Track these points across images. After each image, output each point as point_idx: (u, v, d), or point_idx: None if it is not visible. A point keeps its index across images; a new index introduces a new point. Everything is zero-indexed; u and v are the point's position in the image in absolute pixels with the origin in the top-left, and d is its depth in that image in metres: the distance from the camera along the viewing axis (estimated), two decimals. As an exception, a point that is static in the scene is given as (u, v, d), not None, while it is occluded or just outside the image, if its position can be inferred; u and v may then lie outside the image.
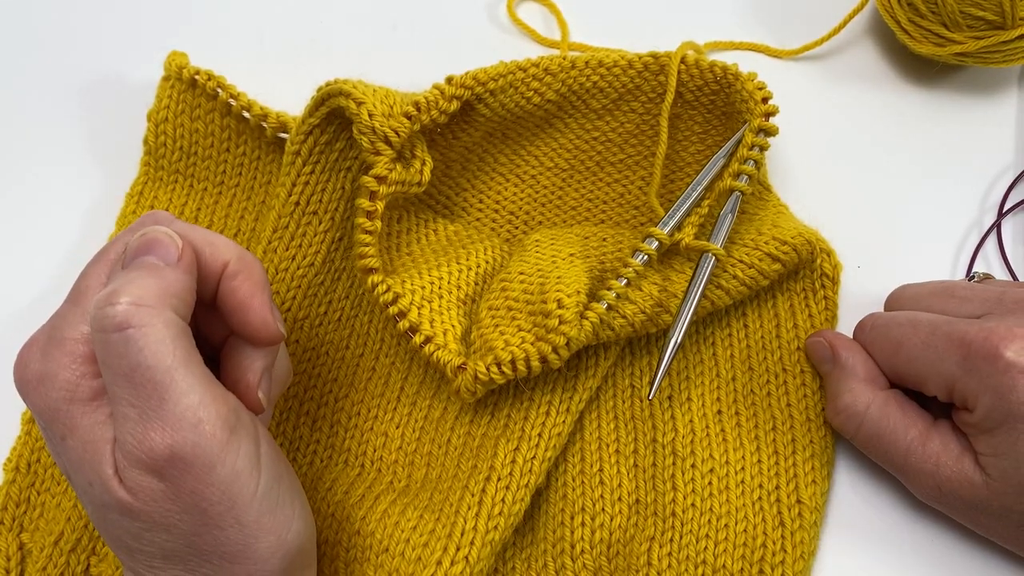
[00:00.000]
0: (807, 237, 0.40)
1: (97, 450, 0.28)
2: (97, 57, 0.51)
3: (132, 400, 0.27)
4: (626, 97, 0.45)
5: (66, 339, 0.28)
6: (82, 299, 0.29)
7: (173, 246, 0.29)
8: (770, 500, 0.38)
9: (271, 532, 0.29)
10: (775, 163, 0.46)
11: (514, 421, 0.38)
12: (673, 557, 0.37)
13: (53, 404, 0.28)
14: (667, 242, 0.38)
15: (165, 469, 0.27)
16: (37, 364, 0.28)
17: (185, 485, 0.27)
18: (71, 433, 0.28)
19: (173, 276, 0.28)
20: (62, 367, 0.28)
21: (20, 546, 0.38)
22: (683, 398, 0.40)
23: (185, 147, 0.45)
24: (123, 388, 0.27)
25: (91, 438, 0.28)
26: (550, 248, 0.40)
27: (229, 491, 0.28)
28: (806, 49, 0.50)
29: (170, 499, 0.27)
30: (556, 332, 0.35)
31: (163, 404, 0.27)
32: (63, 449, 0.28)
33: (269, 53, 0.51)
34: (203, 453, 0.27)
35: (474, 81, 0.39)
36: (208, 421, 0.27)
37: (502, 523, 0.35)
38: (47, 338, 0.29)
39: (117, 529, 0.28)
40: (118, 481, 0.27)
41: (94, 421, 0.28)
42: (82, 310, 0.29)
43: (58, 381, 0.28)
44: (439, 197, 0.44)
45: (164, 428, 0.27)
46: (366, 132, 0.36)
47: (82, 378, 0.28)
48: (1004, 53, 0.45)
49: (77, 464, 0.28)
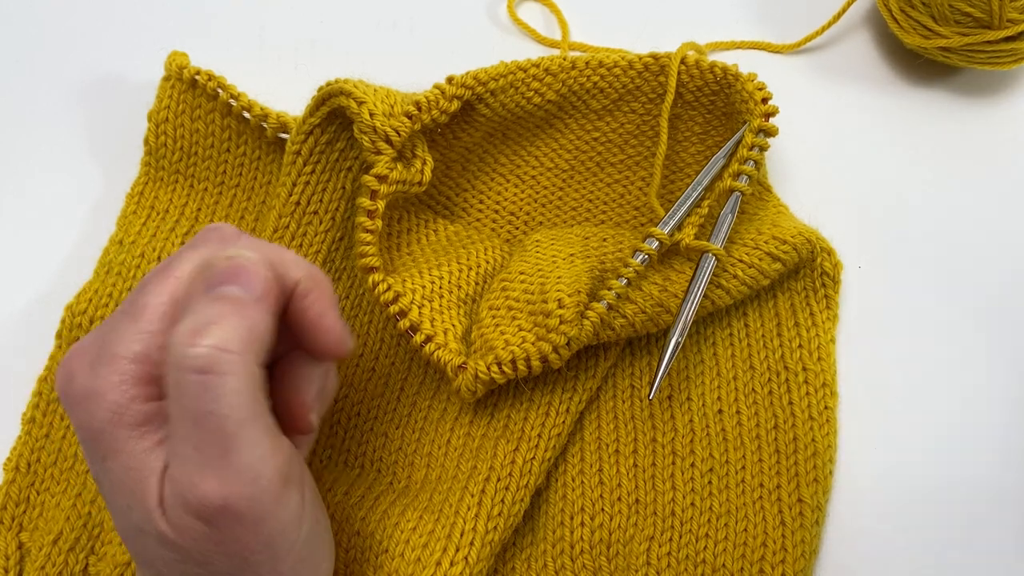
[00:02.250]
0: (807, 236, 0.40)
1: (142, 479, 0.26)
2: (98, 57, 0.51)
3: (195, 443, 0.25)
4: (626, 98, 0.45)
5: (118, 356, 0.27)
6: (140, 316, 0.27)
7: (260, 279, 0.27)
8: (771, 499, 0.38)
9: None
10: (775, 162, 0.46)
11: (514, 422, 0.38)
12: (673, 556, 0.37)
13: (98, 424, 0.26)
14: (667, 242, 0.38)
15: (215, 518, 0.26)
16: (85, 379, 0.27)
17: (231, 534, 0.26)
18: (114, 456, 0.26)
19: (259, 317, 0.27)
20: (111, 387, 0.26)
21: (19, 545, 0.38)
22: (683, 397, 0.40)
23: (185, 147, 0.45)
24: (188, 429, 0.25)
25: (136, 465, 0.26)
26: (550, 248, 0.40)
27: (273, 543, 0.27)
28: (807, 40, 0.50)
29: (213, 543, 0.26)
30: (557, 332, 0.35)
31: (226, 455, 0.25)
32: (103, 469, 0.27)
33: (269, 53, 0.51)
34: (256, 507, 0.26)
35: (475, 81, 0.39)
36: (266, 476, 0.26)
37: (501, 524, 0.35)
38: (97, 351, 0.27)
39: (149, 553, 0.27)
40: (161, 513, 0.26)
41: (140, 448, 0.26)
42: (138, 329, 0.27)
43: (105, 401, 0.26)
44: (439, 197, 0.44)
45: (222, 479, 0.25)
46: (367, 131, 0.36)
47: (132, 401, 0.26)
48: (989, 54, 0.45)
49: (117, 487, 0.27)
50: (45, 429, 0.40)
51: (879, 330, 0.42)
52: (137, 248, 0.43)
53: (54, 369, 0.41)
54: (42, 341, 0.42)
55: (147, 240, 0.44)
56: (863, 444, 0.40)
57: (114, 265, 0.43)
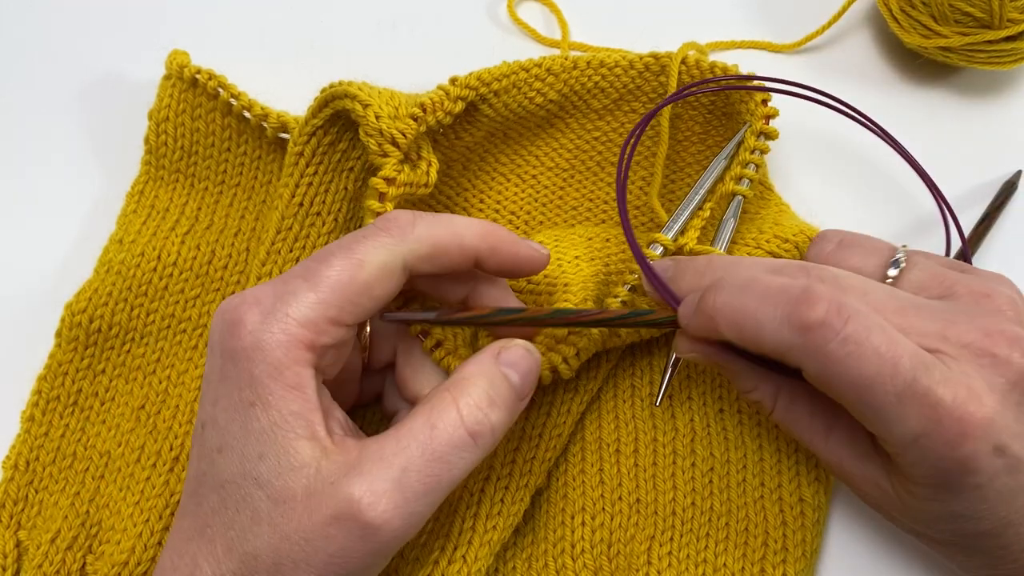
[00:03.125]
0: (809, 235, 0.40)
1: (288, 440, 0.28)
2: (98, 56, 0.51)
3: (404, 468, 0.29)
4: (627, 97, 0.45)
5: (290, 318, 0.28)
6: (319, 286, 0.29)
7: (531, 382, 0.32)
8: (772, 499, 0.38)
9: None
10: (777, 161, 0.46)
11: (514, 421, 0.38)
12: (673, 556, 0.37)
13: (258, 374, 0.28)
14: (671, 247, 0.39)
15: (358, 528, 0.28)
16: (254, 328, 0.28)
17: (356, 543, 0.28)
18: (265, 408, 0.28)
19: (518, 412, 0.32)
20: (278, 344, 0.28)
21: (17, 543, 0.38)
22: (683, 397, 0.40)
23: (186, 146, 0.45)
24: (415, 457, 0.29)
25: (283, 425, 0.28)
26: (555, 251, 0.40)
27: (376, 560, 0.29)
28: (808, 40, 0.50)
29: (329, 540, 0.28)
30: (566, 342, 0.35)
31: (420, 500, 0.29)
32: (247, 416, 0.28)
33: (270, 53, 0.51)
34: (390, 534, 0.28)
35: (478, 81, 0.39)
36: (419, 514, 0.29)
37: (501, 523, 0.35)
38: (272, 304, 0.29)
39: (248, 501, 0.28)
40: (300, 471, 0.28)
41: (290, 410, 0.28)
42: (316, 298, 0.29)
43: (271, 356, 0.28)
44: (440, 197, 0.44)
45: (395, 506, 0.28)
46: (373, 134, 0.36)
47: (294, 363, 0.28)
48: (989, 54, 0.45)
49: (258, 436, 0.28)
50: (44, 428, 0.40)
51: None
52: (137, 247, 0.43)
53: (54, 368, 0.41)
54: (42, 340, 0.42)
55: (147, 239, 0.44)
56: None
57: (114, 264, 0.43)
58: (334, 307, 0.29)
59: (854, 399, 0.28)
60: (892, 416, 0.28)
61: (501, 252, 0.32)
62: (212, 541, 0.29)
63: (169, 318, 0.43)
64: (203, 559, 0.29)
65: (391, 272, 0.30)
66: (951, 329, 0.29)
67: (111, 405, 0.41)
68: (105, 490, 0.39)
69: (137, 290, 0.42)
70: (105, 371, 0.42)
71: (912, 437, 0.28)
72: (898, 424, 0.28)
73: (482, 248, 0.32)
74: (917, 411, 0.27)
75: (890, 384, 0.27)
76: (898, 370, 0.27)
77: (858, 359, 0.27)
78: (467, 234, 0.31)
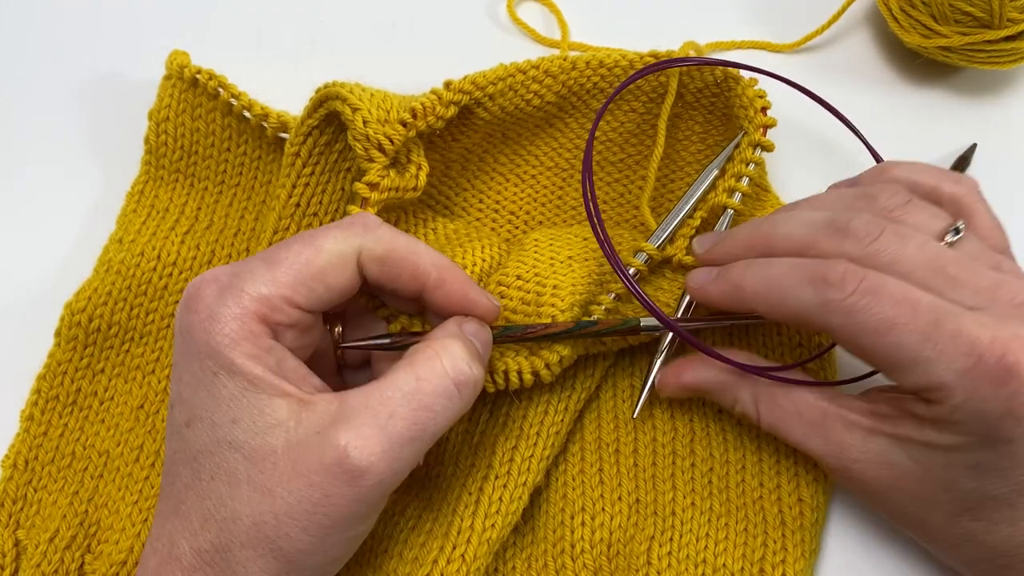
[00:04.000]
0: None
1: (257, 403, 0.29)
2: (98, 56, 0.51)
3: (392, 411, 0.29)
4: (626, 97, 0.45)
5: (244, 292, 0.29)
6: (275, 266, 0.30)
7: (488, 348, 0.34)
8: (771, 499, 0.38)
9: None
10: (775, 161, 0.46)
11: (513, 419, 0.38)
12: (673, 556, 0.37)
13: (215, 344, 0.29)
14: (657, 257, 0.39)
15: (350, 475, 0.28)
16: (211, 301, 0.30)
17: (341, 490, 0.28)
18: (230, 375, 0.29)
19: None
20: (232, 317, 0.29)
21: (16, 543, 0.38)
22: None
23: (186, 146, 0.45)
24: (396, 399, 0.30)
25: (252, 389, 0.29)
26: (548, 249, 0.40)
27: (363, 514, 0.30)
28: (807, 39, 0.50)
29: (311, 488, 0.28)
30: (549, 349, 0.35)
31: (402, 434, 0.30)
32: (214, 383, 0.29)
33: (269, 53, 0.52)
34: (382, 479, 0.29)
35: (472, 86, 0.39)
36: (406, 462, 0.30)
37: (499, 522, 0.35)
38: (228, 282, 0.30)
39: (225, 464, 0.29)
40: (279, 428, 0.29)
41: (256, 374, 0.29)
42: (271, 276, 0.30)
43: (225, 328, 0.29)
44: (439, 197, 0.44)
45: (383, 450, 0.29)
46: (360, 139, 0.36)
47: (247, 335, 0.29)
48: (989, 54, 0.45)
49: (228, 402, 0.29)
50: (43, 427, 0.40)
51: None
52: (137, 247, 0.43)
53: (53, 367, 0.41)
54: (41, 339, 0.42)
55: (147, 239, 0.44)
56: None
57: (114, 263, 0.43)
58: (288, 287, 0.30)
59: (883, 349, 0.30)
60: (930, 356, 0.29)
61: (449, 288, 0.33)
62: (187, 516, 0.29)
63: (168, 318, 0.43)
64: (179, 536, 0.29)
65: (345, 262, 0.31)
66: (1002, 289, 0.30)
67: (110, 404, 0.41)
68: (104, 489, 0.39)
69: (137, 290, 0.42)
70: (104, 370, 0.42)
71: (955, 376, 0.28)
72: (938, 363, 0.29)
73: (432, 276, 0.32)
74: (953, 349, 0.29)
75: (912, 325, 0.29)
76: (917, 312, 0.29)
77: (878, 305, 0.30)
78: (425, 256, 0.32)
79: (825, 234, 0.33)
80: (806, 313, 0.31)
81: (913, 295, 0.30)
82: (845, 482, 0.34)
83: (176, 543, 0.29)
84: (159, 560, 0.29)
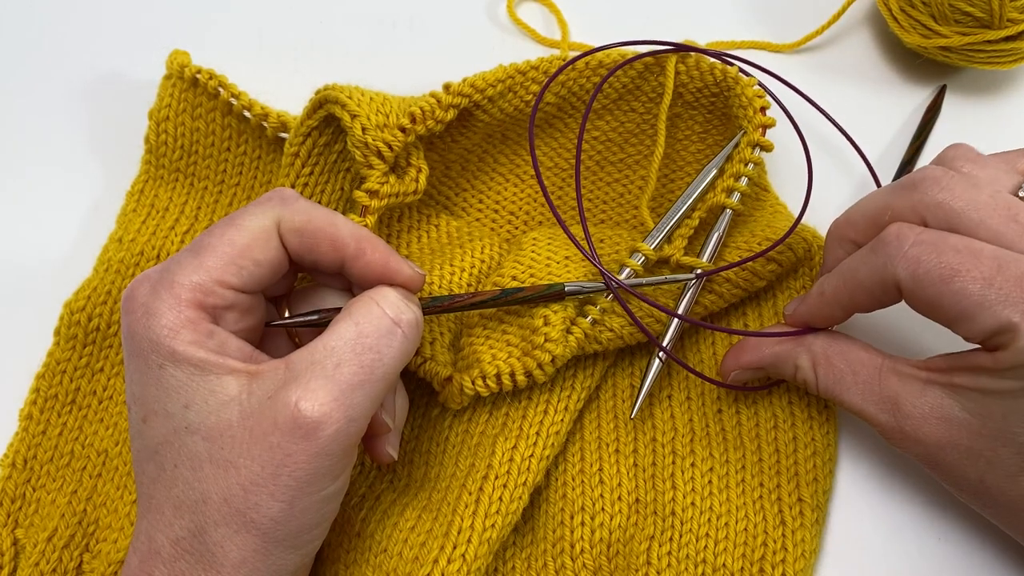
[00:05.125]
0: (803, 236, 0.40)
1: (209, 387, 0.29)
2: (98, 56, 0.51)
3: (336, 366, 0.29)
4: (626, 97, 0.45)
5: (176, 283, 0.30)
6: (202, 253, 0.31)
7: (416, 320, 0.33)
8: (771, 499, 0.37)
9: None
10: (775, 161, 0.46)
11: (512, 419, 0.38)
12: (673, 556, 0.36)
13: (155, 337, 0.29)
14: (653, 257, 0.39)
15: (303, 430, 0.29)
16: (145, 298, 0.30)
17: (299, 447, 0.29)
18: (175, 364, 0.29)
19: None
20: (168, 308, 0.29)
21: (14, 541, 0.38)
22: (683, 397, 0.40)
23: (186, 146, 0.45)
24: (341, 352, 0.30)
25: (197, 371, 0.29)
26: (546, 249, 0.40)
27: (319, 476, 0.29)
28: (807, 40, 0.50)
29: (271, 450, 0.29)
30: (542, 349, 0.36)
31: (352, 389, 0.30)
32: (160, 375, 0.29)
33: (269, 53, 0.52)
34: (338, 436, 0.29)
35: (472, 89, 0.39)
36: (359, 421, 0.30)
37: (499, 522, 0.35)
38: (159, 277, 0.30)
39: (184, 450, 0.29)
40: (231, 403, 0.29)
41: (200, 357, 0.29)
42: (199, 263, 0.30)
43: (162, 320, 0.29)
44: (439, 197, 0.44)
45: (333, 401, 0.29)
46: (359, 146, 0.36)
47: (186, 322, 0.29)
48: (989, 54, 0.45)
49: (176, 390, 0.29)
50: (42, 426, 0.40)
51: (878, 328, 0.42)
52: (136, 246, 0.43)
53: (52, 366, 0.41)
54: (40, 338, 0.42)
55: (146, 238, 0.44)
56: (863, 444, 0.40)
57: (113, 263, 0.43)
58: (216, 269, 0.30)
59: (949, 297, 0.30)
60: (993, 299, 0.29)
61: (369, 257, 0.32)
62: (159, 509, 0.29)
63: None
64: (155, 530, 0.29)
65: (268, 235, 0.32)
66: None
67: (109, 403, 0.41)
68: (102, 488, 0.39)
69: (136, 289, 0.42)
70: (103, 369, 0.42)
71: (1021, 315, 0.28)
72: (1004, 306, 0.29)
73: (351, 247, 0.32)
74: (1018, 291, 0.29)
75: (976, 271, 0.29)
76: (980, 259, 0.29)
77: (940, 254, 0.30)
78: (343, 228, 0.32)
79: (897, 193, 0.33)
80: (880, 278, 0.32)
81: (974, 245, 0.30)
82: (901, 443, 0.33)
83: (153, 538, 0.29)
84: (140, 558, 0.30)
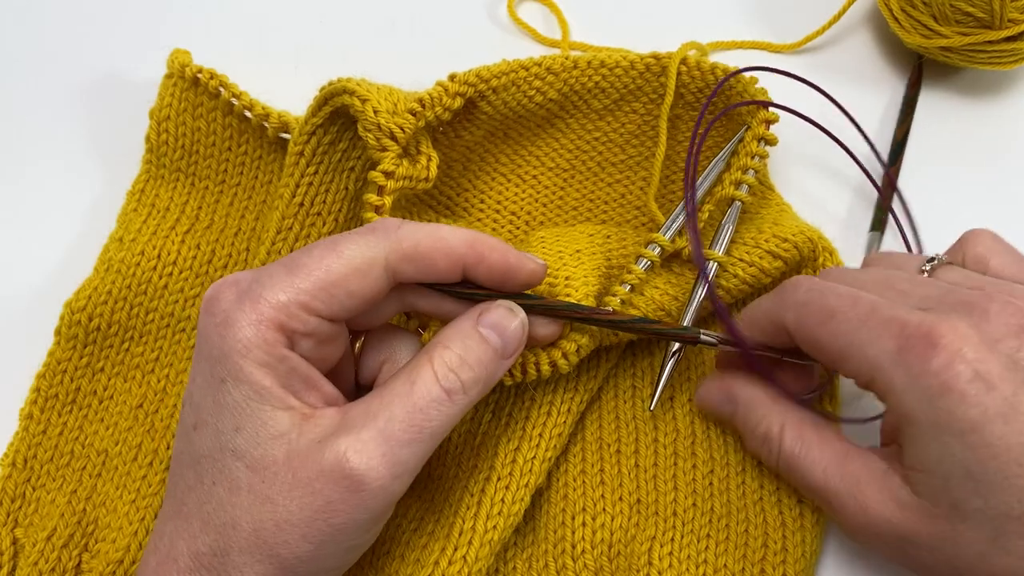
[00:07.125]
0: (808, 235, 0.40)
1: (263, 413, 0.29)
2: (99, 55, 0.51)
3: (387, 421, 0.29)
4: (627, 98, 0.45)
5: (262, 298, 0.29)
6: (296, 272, 0.30)
7: (517, 344, 0.33)
8: (771, 500, 0.37)
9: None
10: (777, 161, 0.46)
11: (515, 420, 0.38)
12: (674, 557, 0.36)
13: (227, 350, 0.29)
14: (669, 248, 0.38)
15: (346, 483, 0.28)
16: (228, 305, 0.29)
17: (347, 497, 0.29)
18: (237, 383, 0.29)
19: (500, 372, 0.32)
20: (248, 323, 0.29)
21: (13, 541, 0.38)
22: (684, 398, 0.40)
23: (187, 145, 0.45)
24: (393, 407, 0.30)
25: (256, 399, 0.29)
26: (556, 245, 0.40)
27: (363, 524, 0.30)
28: (808, 40, 0.50)
29: (325, 499, 0.29)
30: (567, 338, 0.35)
31: (401, 448, 0.30)
32: (220, 390, 0.29)
33: (270, 53, 0.52)
34: (386, 487, 0.29)
35: (477, 78, 0.39)
36: (406, 475, 0.30)
37: (501, 523, 0.35)
38: (248, 287, 0.30)
39: (226, 473, 0.29)
40: (281, 441, 0.29)
41: (263, 384, 0.29)
42: (290, 283, 0.29)
43: (239, 333, 0.29)
44: (440, 197, 0.44)
45: (384, 458, 0.29)
46: (371, 129, 0.36)
47: (262, 343, 0.29)
48: (990, 54, 0.45)
49: (231, 409, 0.29)
50: (42, 426, 0.40)
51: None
52: (137, 246, 0.43)
53: (53, 366, 0.41)
54: (41, 338, 0.42)
55: (147, 238, 0.44)
56: (863, 444, 0.40)
57: (114, 262, 0.43)
58: (307, 293, 0.29)
59: (826, 337, 0.32)
60: (864, 339, 0.30)
61: (490, 260, 0.32)
62: (188, 518, 0.29)
63: (168, 317, 0.43)
64: (178, 537, 0.29)
65: (370, 266, 0.30)
66: (953, 295, 0.31)
67: (109, 403, 0.41)
68: (102, 488, 0.39)
69: (137, 289, 0.42)
70: (104, 369, 0.42)
71: (889, 357, 0.29)
72: (873, 346, 0.30)
73: (469, 255, 0.31)
74: (885, 332, 0.30)
75: (852, 313, 0.31)
76: (857, 304, 0.31)
77: (822, 298, 0.32)
78: (451, 239, 0.31)
79: (806, 277, 0.35)
80: (770, 321, 0.34)
81: (856, 293, 0.32)
82: (861, 528, 0.32)
83: (175, 544, 0.29)
84: (158, 559, 0.29)
